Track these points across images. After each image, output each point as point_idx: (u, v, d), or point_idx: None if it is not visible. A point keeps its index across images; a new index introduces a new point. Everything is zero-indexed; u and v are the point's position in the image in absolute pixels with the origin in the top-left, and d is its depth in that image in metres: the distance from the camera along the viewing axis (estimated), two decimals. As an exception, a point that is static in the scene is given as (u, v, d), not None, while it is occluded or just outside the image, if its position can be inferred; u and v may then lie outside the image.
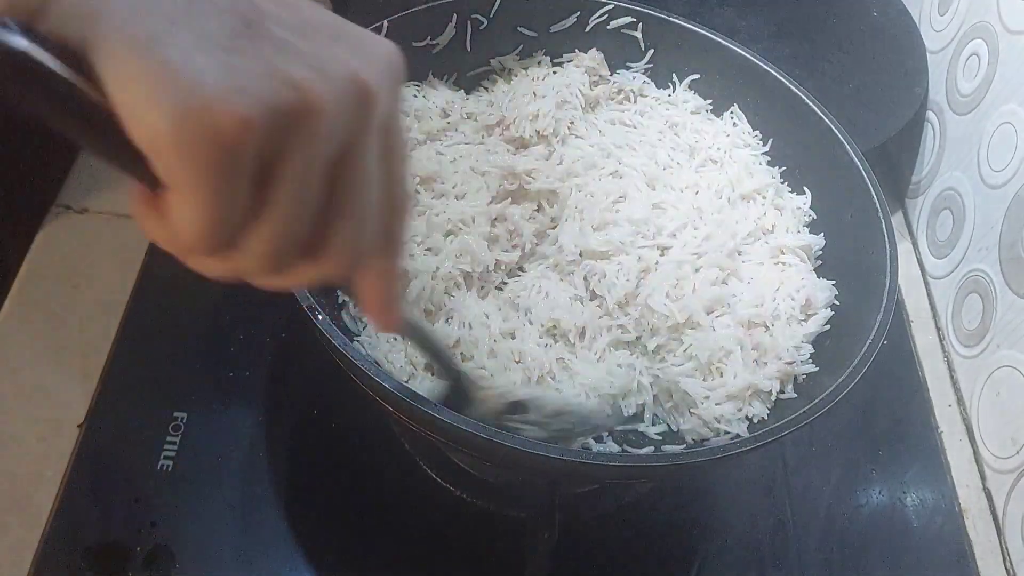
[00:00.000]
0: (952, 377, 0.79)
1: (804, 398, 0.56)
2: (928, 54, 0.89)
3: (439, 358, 0.49)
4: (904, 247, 0.88)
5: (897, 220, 0.90)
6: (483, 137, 0.67)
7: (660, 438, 0.58)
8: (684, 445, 0.57)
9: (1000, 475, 0.71)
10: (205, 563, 0.59)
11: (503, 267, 0.61)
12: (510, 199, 0.62)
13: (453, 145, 0.66)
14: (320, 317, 0.48)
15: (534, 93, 0.68)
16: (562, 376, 0.56)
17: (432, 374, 0.55)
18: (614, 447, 0.57)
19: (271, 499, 0.63)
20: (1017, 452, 0.69)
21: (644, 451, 0.57)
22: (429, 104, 0.67)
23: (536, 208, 0.64)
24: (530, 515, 0.57)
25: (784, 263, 0.64)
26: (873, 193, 0.61)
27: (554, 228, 0.63)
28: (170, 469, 0.63)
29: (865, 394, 0.75)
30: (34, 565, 0.58)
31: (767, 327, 0.60)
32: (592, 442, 0.56)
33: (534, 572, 0.56)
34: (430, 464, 0.65)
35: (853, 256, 0.62)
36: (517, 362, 0.57)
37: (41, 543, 0.59)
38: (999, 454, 0.72)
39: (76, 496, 0.61)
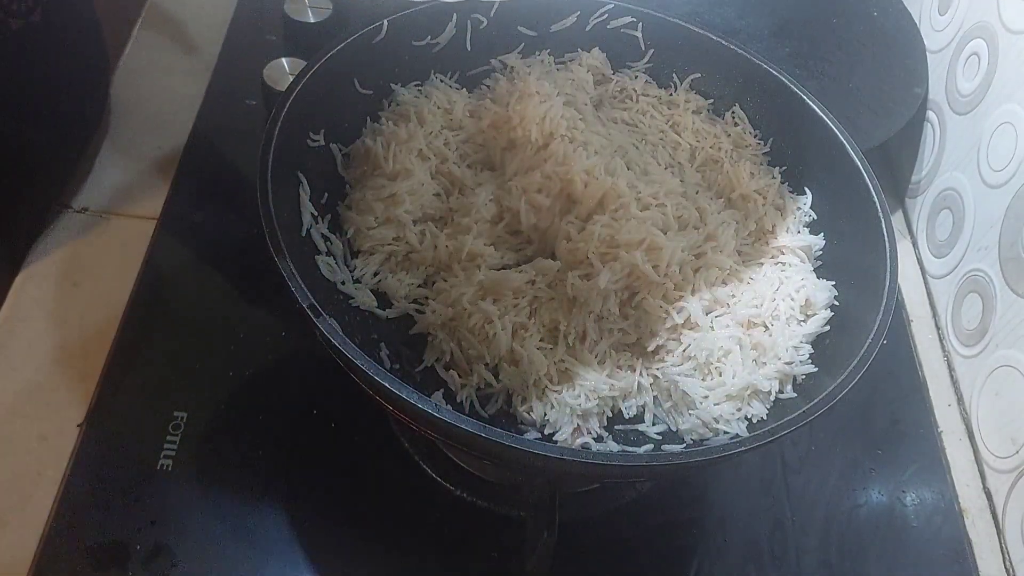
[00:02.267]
0: (952, 377, 0.79)
1: (804, 398, 0.57)
2: (928, 54, 0.89)
3: None
4: (904, 247, 0.88)
5: (897, 220, 0.90)
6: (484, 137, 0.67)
7: (660, 437, 0.58)
8: (684, 445, 0.57)
9: (1000, 475, 0.71)
10: (205, 562, 0.59)
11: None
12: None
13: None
14: (320, 317, 0.48)
15: (538, 92, 0.68)
16: (561, 379, 0.56)
17: None
18: (614, 447, 0.57)
19: (271, 498, 0.63)
20: (1017, 452, 0.69)
21: (643, 450, 0.57)
22: (431, 104, 0.67)
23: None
24: (530, 515, 0.57)
25: (784, 263, 0.64)
26: (873, 193, 0.61)
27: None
28: (170, 469, 0.63)
29: (865, 394, 0.75)
30: (34, 565, 0.58)
31: (766, 327, 0.60)
32: (592, 442, 0.56)
33: (534, 572, 0.56)
34: (430, 464, 0.65)
35: (853, 256, 0.62)
36: (516, 365, 0.57)
37: (41, 543, 0.59)
38: (999, 454, 0.72)
39: (76, 496, 0.61)
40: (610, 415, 0.58)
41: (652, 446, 0.57)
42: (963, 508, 0.71)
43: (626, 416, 0.58)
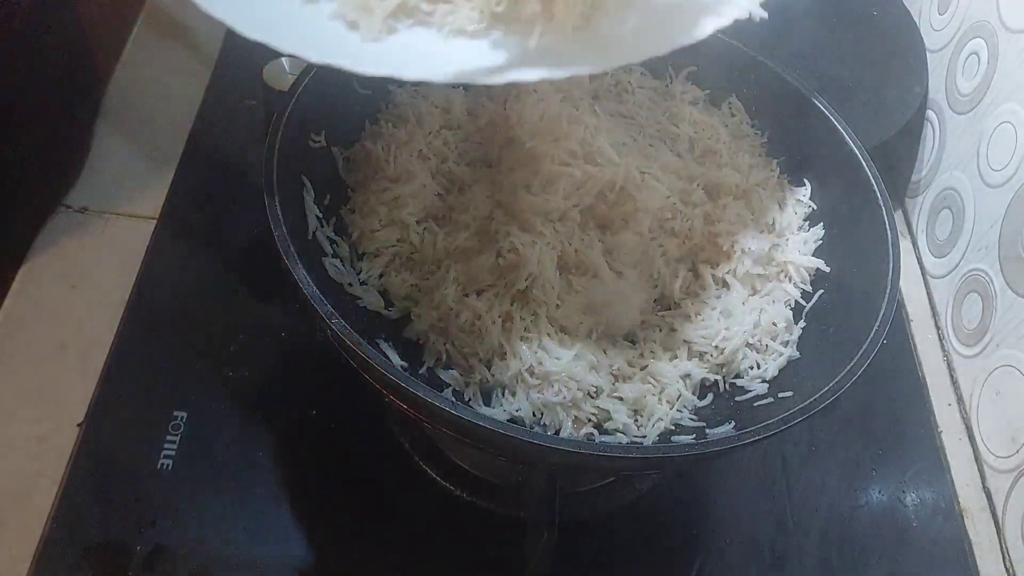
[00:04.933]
0: (952, 377, 0.79)
1: (805, 395, 0.56)
2: (928, 53, 0.89)
3: None
4: (904, 246, 0.88)
5: (897, 219, 0.90)
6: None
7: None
8: (693, 435, 0.57)
9: (1000, 474, 0.71)
10: (205, 563, 0.59)
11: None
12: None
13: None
14: (335, 320, 0.48)
15: (535, 90, 0.68)
16: (540, 377, 0.56)
17: None
18: (623, 439, 0.57)
19: (271, 499, 0.63)
20: (1017, 451, 0.69)
21: (650, 440, 0.56)
22: (428, 104, 0.67)
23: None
24: (530, 515, 0.57)
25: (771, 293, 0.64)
26: (872, 180, 0.61)
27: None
28: (170, 468, 0.63)
29: (865, 394, 0.75)
30: (34, 565, 0.58)
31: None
32: (595, 432, 0.56)
33: (534, 572, 0.56)
34: (430, 464, 0.65)
35: (854, 247, 0.62)
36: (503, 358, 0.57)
37: (41, 543, 0.59)
38: (999, 453, 0.72)
39: (76, 496, 0.61)
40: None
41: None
42: (963, 508, 0.71)
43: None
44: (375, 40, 0.46)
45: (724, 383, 0.59)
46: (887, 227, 0.59)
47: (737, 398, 0.58)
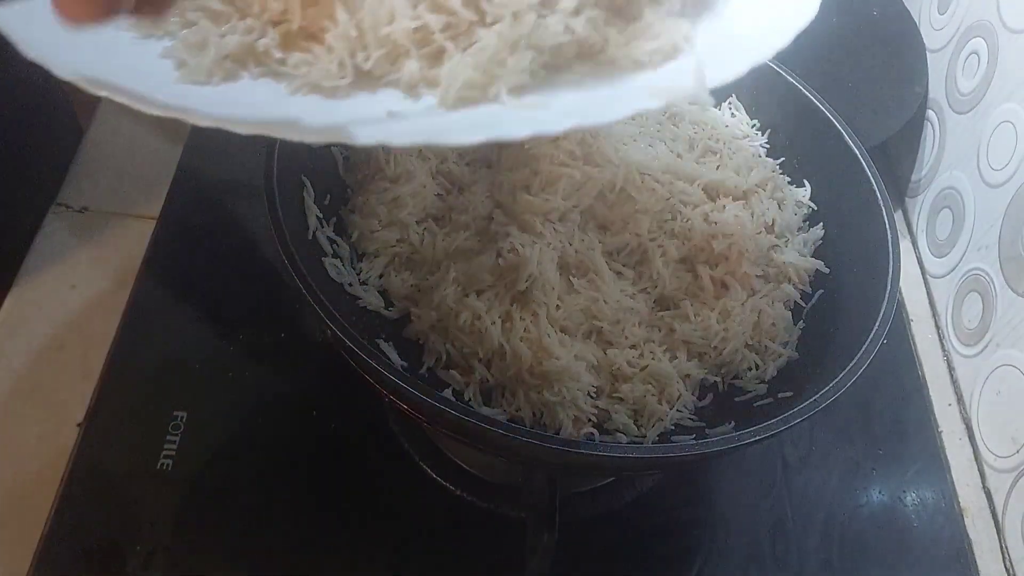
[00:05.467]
0: (952, 376, 0.79)
1: (806, 395, 0.56)
2: (928, 53, 0.89)
3: None
4: (904, 246, 0.88)
5: (897, 219, 0.90)
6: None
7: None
8: (693, 436, 0.57)
9: (1000, 474, 0.71)
10: (205, 563, 0.59)
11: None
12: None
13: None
14: (335, 320, 0.48)
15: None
16: (541, 377, 0.56)
17: None
18: (623, 438, 0.57)
19: (271, 499, 0.63)
20: (1017, 451, 0.69)
21: (650, 440, 0.56)
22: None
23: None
24: (530, 515, 0.57)
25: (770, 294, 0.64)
26: (872, 180, 0.61)
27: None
28: (170, 469, 0.63)
29: (865, 394, 0.75)
30: (34, 565, 0.58)
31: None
32: (595, 431, 0.56)
33: (534, 573, 0.56)
34: (430, 464, 0.65)
35: (854, 247, 0.62)
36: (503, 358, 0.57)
37: (41, 543, 0.59)
38: (999, 453, 0.72)
39: (76, 496, 0.61)
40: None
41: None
42: (963, 508, 0.71)
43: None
44: (199, 83, 0.40)
45: (723, 383, 0.60)
46: (887, 227, 0.59)
47: (737, 398, 0.59)
